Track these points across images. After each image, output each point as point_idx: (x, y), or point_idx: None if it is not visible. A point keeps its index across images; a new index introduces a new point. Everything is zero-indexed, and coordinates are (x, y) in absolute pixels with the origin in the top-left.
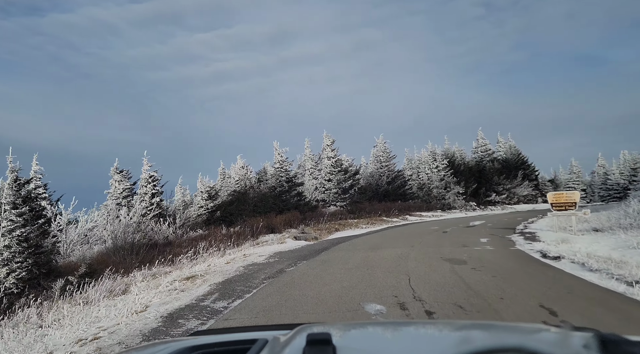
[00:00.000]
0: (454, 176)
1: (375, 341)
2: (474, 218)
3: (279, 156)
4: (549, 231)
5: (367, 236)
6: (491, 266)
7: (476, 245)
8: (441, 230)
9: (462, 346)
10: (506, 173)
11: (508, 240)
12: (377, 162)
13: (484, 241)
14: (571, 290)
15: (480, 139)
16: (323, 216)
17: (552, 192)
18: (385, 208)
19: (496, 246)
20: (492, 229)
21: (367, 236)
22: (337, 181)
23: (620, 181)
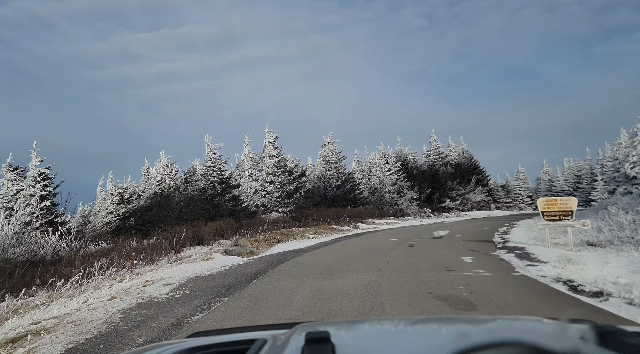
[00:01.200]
0: (407, 180)
1: (373, 338)
2: (434, 227)
3: (212, 152)
4: (538, 246)
5: (317, 252)
6: (514, 312)
7: (463, 268)
8: (405, 243)
9: (461, 341)
10: (459, 178)
11: (498, 259)
12: (326, 164)
13: (470, 262)
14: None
15: (433, 142)
16: (263, 223)
17: (543, 198)
18: (335, 214)
19: (490, 269)
20: (466, 243)
21: (316, 250)
22: (281, 184)
23: (565, 187)
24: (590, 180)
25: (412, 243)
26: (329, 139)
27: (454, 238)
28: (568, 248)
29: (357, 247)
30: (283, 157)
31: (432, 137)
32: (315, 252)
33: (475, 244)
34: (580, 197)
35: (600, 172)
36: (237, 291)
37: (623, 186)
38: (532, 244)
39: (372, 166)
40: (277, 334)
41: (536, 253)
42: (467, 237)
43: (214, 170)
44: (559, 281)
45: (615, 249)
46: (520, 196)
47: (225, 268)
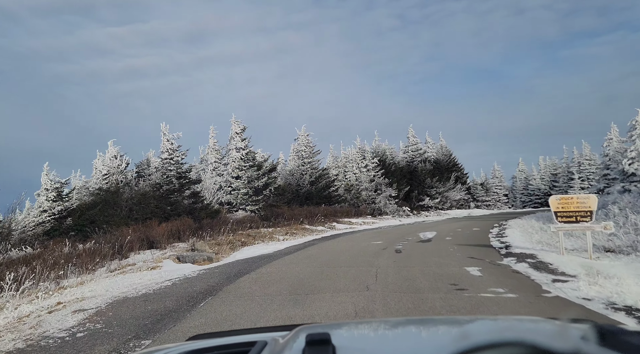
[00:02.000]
0: (385, 177)
1: (374, 339)
2: (417, 227)
3: (168, 142)
4: (550, 252)
5: (287, 259)
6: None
7: (475, 285)
8: (390, 247)
9: (461, 342)
10: (438, 175)
11: (512, 271)
12: (299, 159)
13: (478, 275)
14: None
15: (411, 137)
16: (227, 224)
17: (556, 196)
18: (309, 213)
19: (511, 287)
20: (461, 248)
21: (286, 257)
22: (248, 179)
23: (542, 186)
24: (567, 178)
25: (398, 248)
26: (302, 132)
27: (445, 241)
28: (584, 255)
29: (335, 253)
30: (251, 150)
31: (410, 132)
32: (286, 260)
33: (474, 250)
34: None
35: (577, 170)
36: (171, 325)
37: (620, 183)
38: (541, 250)
39: (348, 162)
40: (277, 337)
41: (554, 263)
42: (459, 241)
43: (171, 163)
44: (613, 307)
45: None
46: (496, 194)
47: (168, 282)
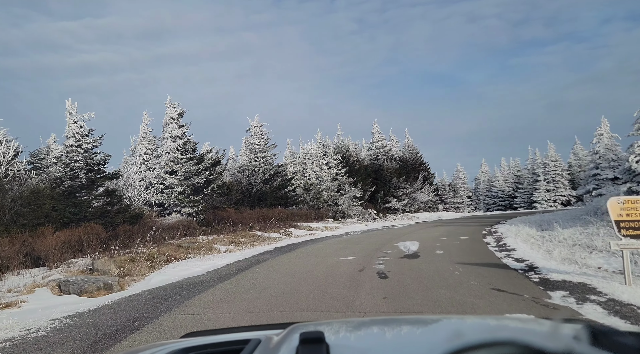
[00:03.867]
0: (349, 175)
1: (368, 338)
2: (390, 234)
3: (76, 125)
4: (604, 279)
5: (220, 290)
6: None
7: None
8: (368, 267)
9: (454, 341)
10: (405, 175)
11: None
12: (251, 153)
13: None
14: None
15: (376, 133)
16: (153, 230)
17: (617, 198)
18: (261, 217)
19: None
20: (468, 269)
21: (220, 286)
22: (186, 174)
23: (505, 188)
24: (533, 180)
25: (380, 269)
26: (255, 123)
27: (438, 257)
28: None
29: (293, 279)
30: (190, 139)
31: (374, 127)
32: (217, 292)
33: (488, 274)
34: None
35: (542, 172)
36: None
37: (627, 184)
38: (585, 275)
39: (307, 158)
40: (271, 335)
41: (631, 300)
42: (456, 256)
43: (79, 152)
44: None
45: None
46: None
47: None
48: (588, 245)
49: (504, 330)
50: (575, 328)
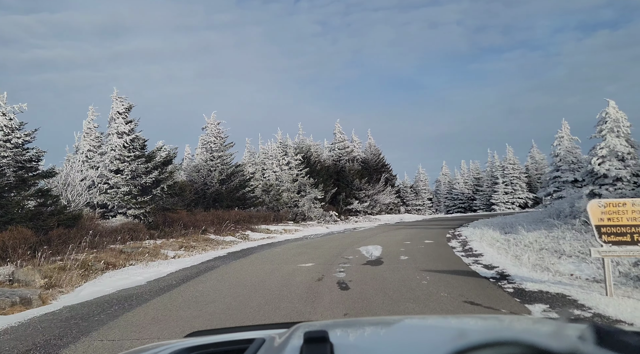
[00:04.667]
0: (310, 176)
1: (371, 337)
2: (352, 238)
3: (4, 117)
4: (582, 289)
5: (158, 304)
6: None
7: None
8: (327, 276)
9: (458, 341)
10: (367, 176)
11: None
12: (207, 152)
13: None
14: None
15: (339, 133)
16: (90, 234)
17: (598, 201)
18: (216, 219)
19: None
20: (435, 277)
21: (161, 298)
22: (133, 173)
23: (465, 190)
24: (492, 183)
25: (340, 277)
26: (212, 120)
27: (403, 263)
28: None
29: (244, 291)
30: (139, 135)
31: (336, 127)
32: (152, 313)
33: (458, 283)
34: (481, 201)
35: (501, 174)
36: None
37: (590, 186)
38: (561, 284)
39: (267, 158)
40: (275, 334)
41: (619, 316)
42: (421, 262)
43: (7, 147)
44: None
45: None
46: (422, 197)
47: None
48: (556, 249)
49: (508, 330)
50: (580, 328)
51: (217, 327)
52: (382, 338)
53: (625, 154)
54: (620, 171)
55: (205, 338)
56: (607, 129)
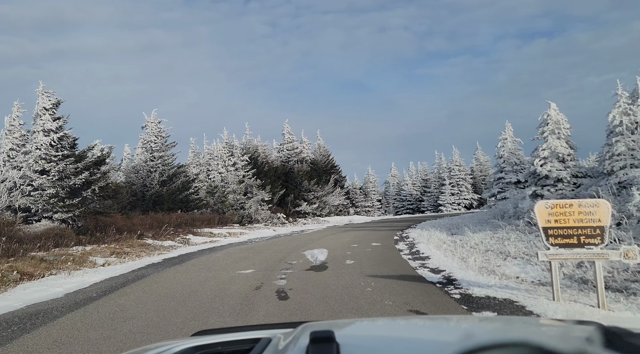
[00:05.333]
0: (257, 177)
1: (378, 337)
2: (298, 241)
3: None
4: (529, 294)
5: (74, 318)
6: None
7: None
8: (267, 284)
9: (466, 341)
10: (317, 177)
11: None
12: (147, 152)
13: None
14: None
15: (287, 134)
16: (4, 241)
17: (545, 202)
18: (155, 223)
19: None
20: (380, 283)
21: (74, 314)
22: (60, 174)
23: (414, 192)
24: (439, 184)
25: (280, 285)
26: (152, 119)
27: (348, 268)
28: (583, 297)
29: (171, 304)
30: (68, 133)
31: (285, 128)
32: (55, 334)
33: (403, 289)
34: (429, 202)
35: (448, 176)
36: None
37: (533, 187)
38: (506, 287)
39: (212, 159)
40: (281, 333)
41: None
42: (367, 266)
43: None
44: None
45: None
46: (371, 199)
47: None
48: (501, 251)
49: (516, 331)
50: (587, 330)
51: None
52: (388, 338)
53: (565, 155)
54: (561, 172)
55: (211, 336)
56: (548, 130)
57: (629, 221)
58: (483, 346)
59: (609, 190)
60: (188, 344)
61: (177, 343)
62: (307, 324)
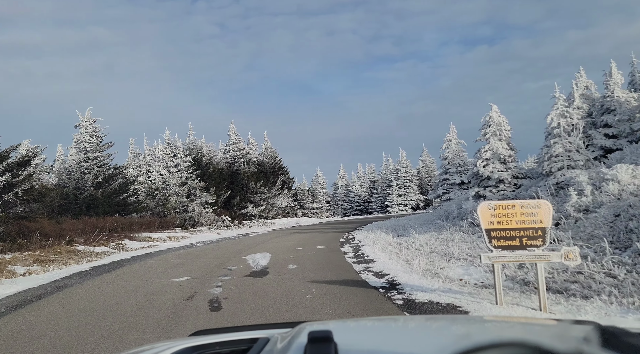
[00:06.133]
0: (202, 179)
1: (376, 337)
2: (242, 244)
3: None
4: (473, 298)
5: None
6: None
7: None
8: (200, 292)
9: (463, 341)
10: (264, 179)
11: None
12: (81, 152)
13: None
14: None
15: (233, 135)
16: None
17: (488, 203)
18: (88, 227)
19: None
20: (322, 289)
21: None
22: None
23: (362, 193)
24: (386, 186)
25: (215, 294)
26: (87, 117)
27: (290, 274)
28: (526, 300)
29: (85, 324)
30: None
31: (231, 128)
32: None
33: (345, 295)
34: (376, 203)
35: (395, 177)
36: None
37: (476, 188)
38: (449, 291)
39: (153, 160)
40: (279, 333)
41: None
42: (310, 271)
43: None
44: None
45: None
46: (319, 200)
47: None
48: (445, 252)
49: (513, 331)
50: (585, 329)
51: None
52: (386, 338)
53: (506, 156)
54: (503, 173)
55: (209, 336)
56: (490, 132)
57: (567, 221)
58: (480, 346)
59: (547, 190)
60: (186, 344)
61: (174, 343)
62: (305, 323)
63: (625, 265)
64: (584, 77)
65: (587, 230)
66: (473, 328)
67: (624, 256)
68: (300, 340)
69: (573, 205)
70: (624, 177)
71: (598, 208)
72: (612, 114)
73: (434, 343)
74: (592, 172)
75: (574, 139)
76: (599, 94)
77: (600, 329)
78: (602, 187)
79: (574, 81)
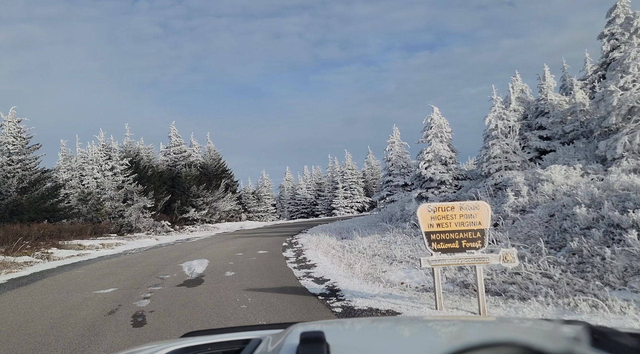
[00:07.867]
0: (140, 183)
1: (368, 337)
2: (180, 251)
3: None
4: (415, 303)
5: None
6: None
7: None
8: (125, 305)
9: (454, 342)
10: (207, 182)
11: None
12: (4, 155)
13: None
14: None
15: (174, 137)
16: None
17: (427, 205)
18: (9, 235)
19: None
20: (258, 298)
21: None
22: None
23: (308, 196)
24: (332, 188)
25: (141, 307)
26: (10, 117)
27: (226, 282)
28: (464, 303)
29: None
30: None
31: (172, 130)
32: None
33: (282, 304)
34: (323, 206)
35: (341, 179)
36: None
37: (419, 189)
38: (389, 297)
39: (86, 163)
40: (271, 334)
41: None
42: (248, 279)
43: None
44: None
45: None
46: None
47: None
48: (388, 255)
49: (504, 331)
50: (575, 329)
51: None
52: (378, 338)
53: (447, 158)
54: (444, 174)
55: (201, 338)
56: (432, 134)
57: (505, 222)
58: (472, 346)
59: (486, 191)
60: (177, 345)
61: (166, 345)
62: (297, 324)
63: (560, 265)
64: (519, 81)
65: (524, 230)
66: (465, 328)
67: (559, 255)
68: (292, 341)
69: (510, 206)
70: (558, 178)
71: (534, 208)
72: (546, 117)
73: (426, 344)
74: (528, 173)
75: (511, 141)
76: (534, 98)
77: (590, 329)
78: (537, 188)
79: (510, 84)
